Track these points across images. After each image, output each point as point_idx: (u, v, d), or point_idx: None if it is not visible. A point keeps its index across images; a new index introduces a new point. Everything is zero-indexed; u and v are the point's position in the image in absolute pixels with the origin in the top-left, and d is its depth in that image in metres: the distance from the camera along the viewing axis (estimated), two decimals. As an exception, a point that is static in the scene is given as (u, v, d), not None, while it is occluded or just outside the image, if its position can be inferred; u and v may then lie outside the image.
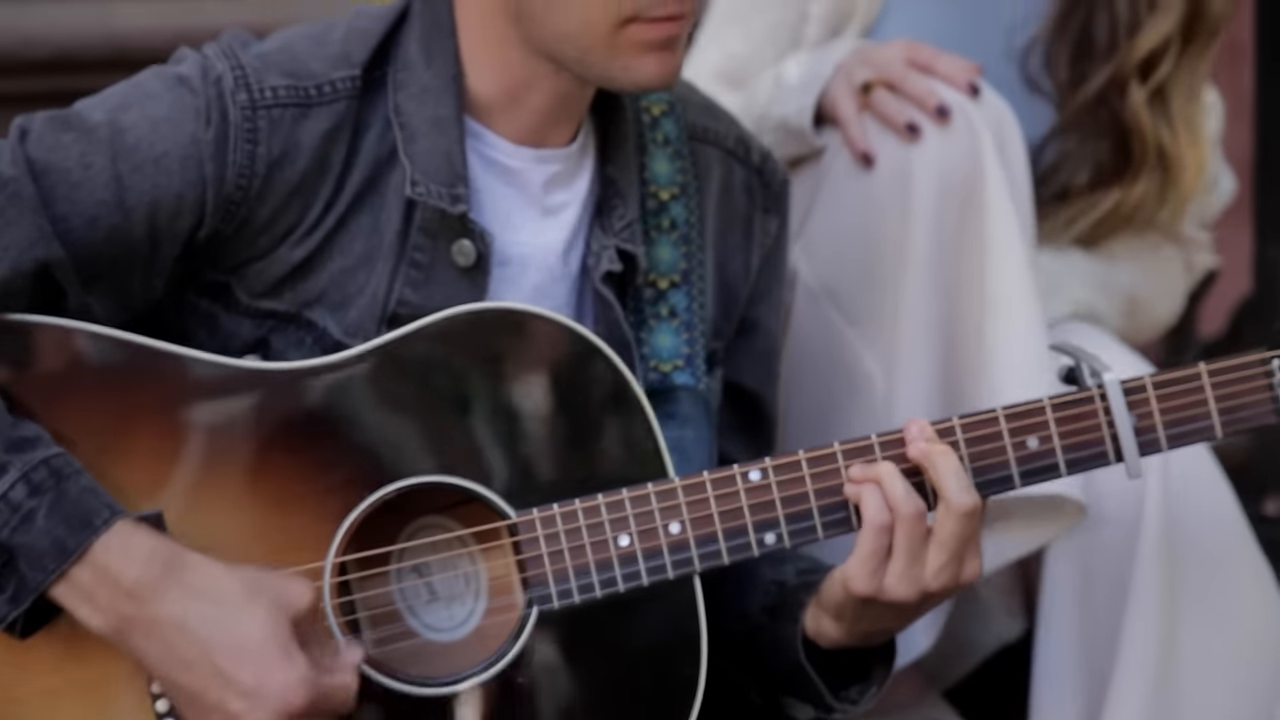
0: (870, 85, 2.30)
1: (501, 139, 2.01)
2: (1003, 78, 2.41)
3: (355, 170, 1.98)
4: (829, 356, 2.32)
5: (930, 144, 2.25)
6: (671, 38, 1.95)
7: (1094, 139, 2.47)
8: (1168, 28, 2.43)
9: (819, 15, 2.49)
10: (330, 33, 2.01)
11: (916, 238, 2.25)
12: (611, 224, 2.05)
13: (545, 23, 1.94)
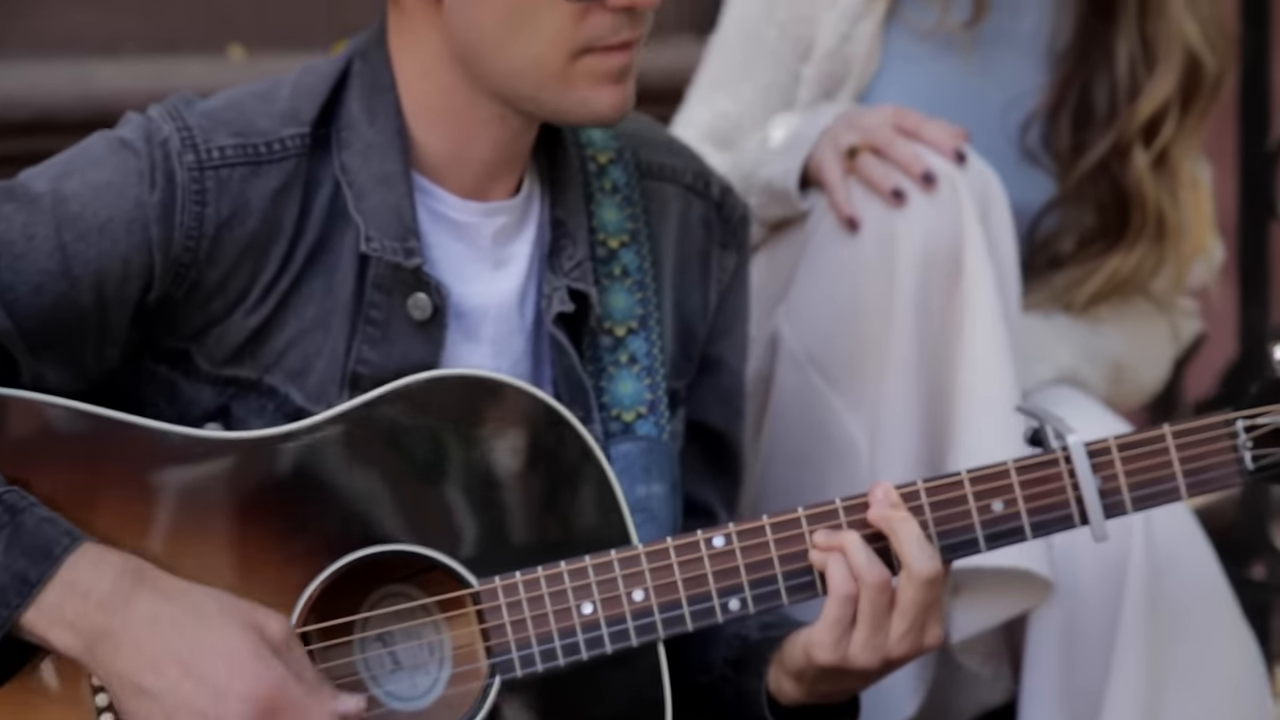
0: (856, 150, 2.28)
1: (449, 194, 2.01)
2: (997, 145, 2.41)
3: (308, 231, 1.97)
4: (813, 423, 2.30)
5: (916, 210, 2.23)
6: (624, 67, 1.94)
7: (1093, 206, 2.46)
8: (1167, 90, 2.43)
9: (811, 78, 2.48)
10: (277, 90, 2.00)
11: (901, 304, 2.24)
12: (561, 265, 2.04)
13: (497, 62, 1.94)
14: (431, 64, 1.97)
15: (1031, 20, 2.49)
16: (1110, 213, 2.46)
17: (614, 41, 1.92)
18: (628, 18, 1.92)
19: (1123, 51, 2.42)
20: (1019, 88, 2.48)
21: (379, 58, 2.00)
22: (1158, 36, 2.42)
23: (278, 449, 1.91)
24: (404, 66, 1.99)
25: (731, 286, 2.18)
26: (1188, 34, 2.41)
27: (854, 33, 2.45)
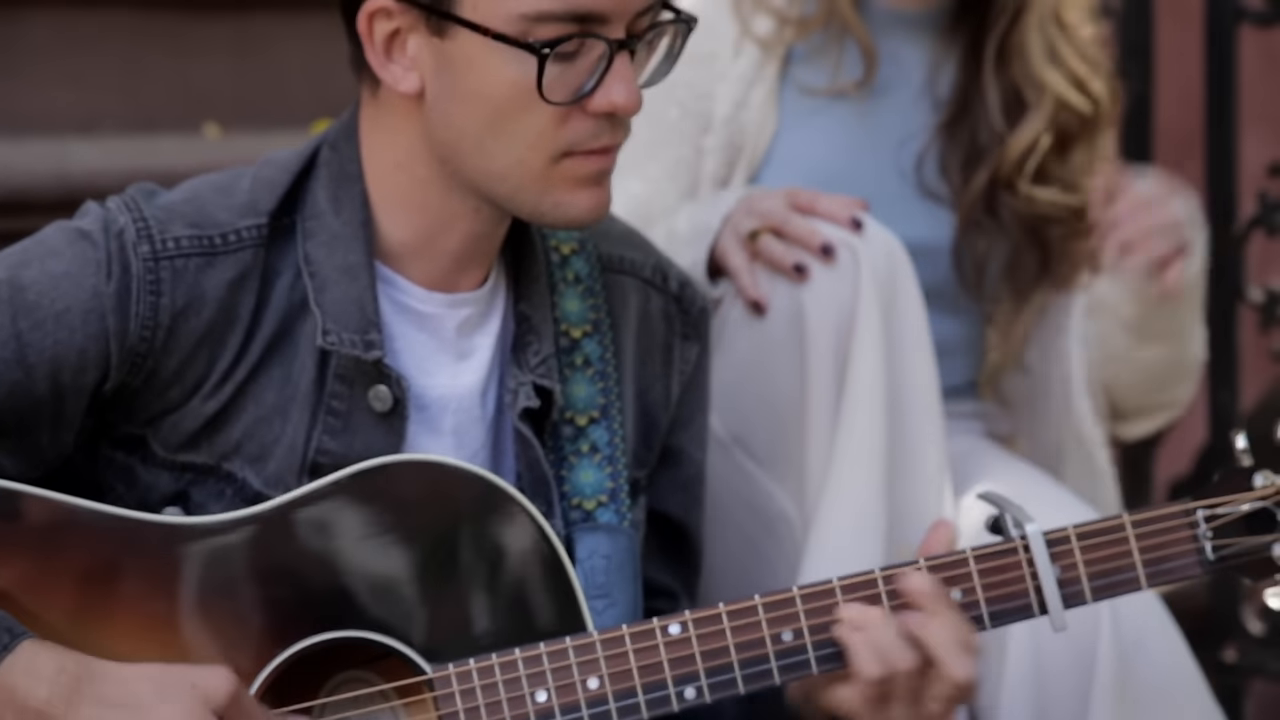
0: (757, 233, 2.32)
1: (413, 284, 2.01)
2: (896, 188, 2.47)
3: (266, 320, 1.97)
4: (745, 502, 2.32)
5: (819, 283, 2.27)
6: (603, 171, 1.95)
7: (1009, 237, 2.52)
8: (1034, 132, 2.49)
9: (713, 147, 2.53)
10: (237, 182, 2.01)
11: (814, 375, 2.27)
12: (527, 360, 2.04)
13: (476, 162, 1.94)
14: (406, 157, 1.98)
15: (915, 69, 2.56)
16: (1026, 238, 2.52)
17: (594, 146, 1.93)
18: (608, 123, 1.93)
19: (992, 97, 2.50)
20: (908, 130, 2.54)
21: (349, 148, 2.00)
22: (1022, 83, 2.49)
23: (235, 534, 1.90)
24: (376, 158, 1.99)
25: (693, 378, 2.18)
26: (1050, 82, 2.49)
27: (748, 100, 2.51)
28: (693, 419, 2.19)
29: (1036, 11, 2.48)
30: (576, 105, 1.90)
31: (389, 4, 1.91)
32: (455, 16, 1.89)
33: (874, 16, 2.54)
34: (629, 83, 1.91)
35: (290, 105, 3.36)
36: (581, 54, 1.90)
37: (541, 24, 1.88)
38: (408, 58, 1.93)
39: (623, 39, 1.90)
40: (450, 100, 1.92)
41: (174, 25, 3.34)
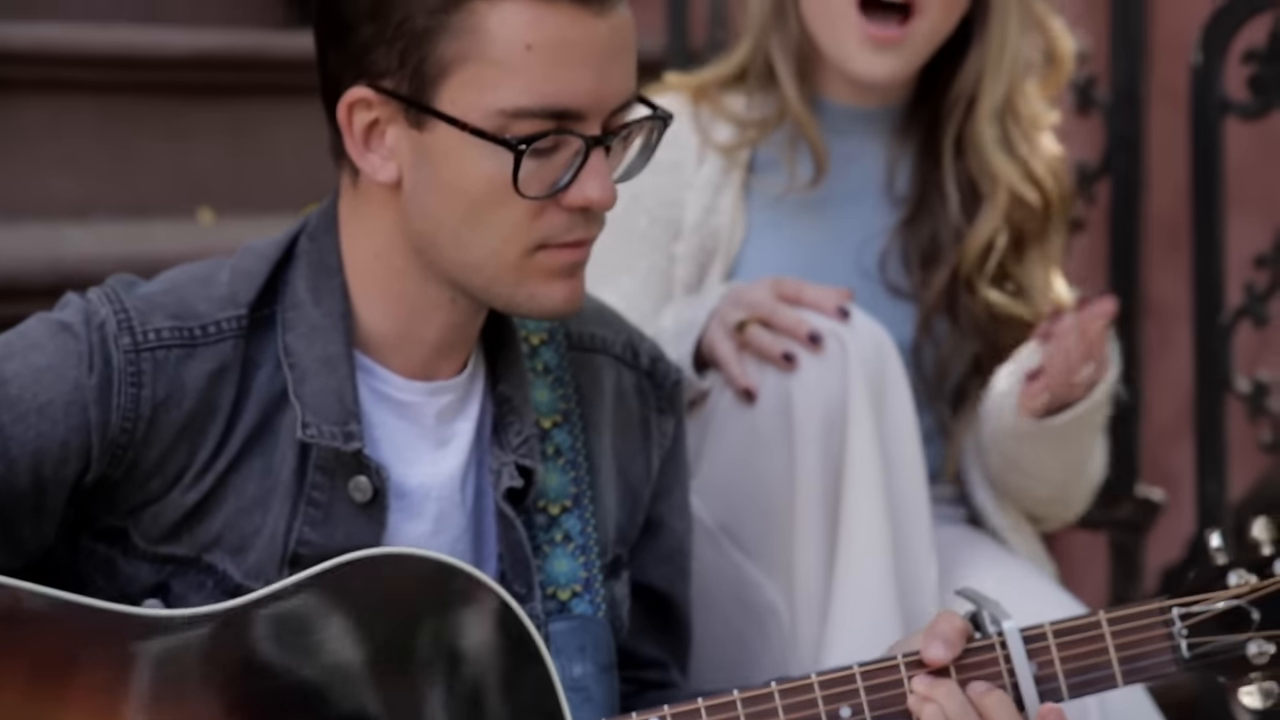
0: (744, 324, 2.34)
1: (393, 374, 2.02)
2: (862, 291, 2.48)
3: (246, 411, 1.98)
4: (733, 594, 2.32)
5: (807, 372, 2.29)
6: (577, 263, 1.96)
7: (969, 336, 2.54)
8: (992, 226, 2.51)
9: (685, 254, 2.55)
10: (217, 273, 2.02)
11: (803, 464, 2.28)
12: (509, 440, 2.05)
13: (452, 253, 1.95)
14: (384, 247, 1.99)
15: (874, 166, 2.58)
16: (983, 338, 2.53)
17: (568, 239, 1.94)
18: (582, 217, 1.94)
19: (950, 192, 2.52)
20: (870, 229, 2.57)
21: (328, 238, 2.02)
22: (977, 176, 2.52)
23: (214, 627, 1.90)
24: (354, 248, 2.01)
25: (672, 450, 2.20)
26: (1005, 174, 2.51)
27: (716, 205, 2.54)
28: (672, 490, 2.20)
29: (989, 102, 2.51)
30: (551, 199, 1.92)
31: (369, 95, 1.93)
32: (433, 110, 1.90)
33: (829, 115, 2.57)
34: (604, 178, 1.93)
35: (284, 191, 3.39)
36: (557, 150, 1.91)
37: (518, 119, 1.89)
38: (386, 148, 1.94)
39: (598, 135, 1.92)
40: (427, 191, 1.94)
41: (168, 111, 3.37)
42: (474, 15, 1.89)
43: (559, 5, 1.89)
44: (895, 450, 2.32)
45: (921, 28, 2.47)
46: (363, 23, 1.91)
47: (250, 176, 3.44)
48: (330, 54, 1.96)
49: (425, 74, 1.90)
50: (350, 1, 1.91)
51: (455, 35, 1.89)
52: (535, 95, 1.89)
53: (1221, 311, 3.01)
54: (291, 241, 2.04)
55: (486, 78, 1.89)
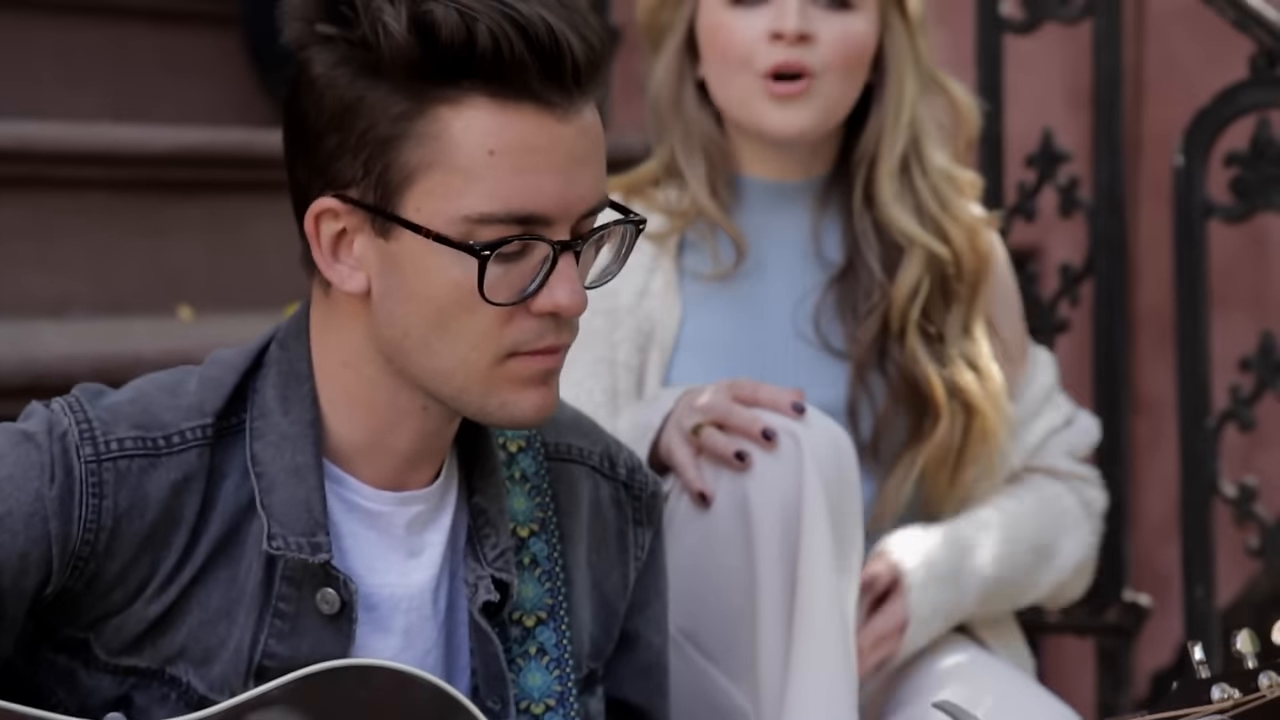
0: (700, 427, 2.34)
1: (362, 483, 1.99)
2: (800, 355, 2.54)
3: (212, 522, 1.95)
4: (701, 699, 2.30)
5: (761, 471, 2.28)
6: (549, 371, 1.94)
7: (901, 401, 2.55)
8: (912, 279, 2.55)
9: (622, 337, 2.58)
10: (185, 382, 1.99)
11: (762, 564, 2.27)
12: (484, 553, 2.02)
13: (421, 361, 1.93)
14: (354, 355, 1.96)
15: (799, 234, 2.64)
16: (910, 400, 2.55)
17: (539, 346, 1.92)
18: (553, 323, 1.92)
19: (871, 246, 2.59)
20: (801, 292, 2.61)
21: (298, 346, 1.99)
22: (888, 229, 2.58)
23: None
24: (325, 355, 1.98)
25: (648, 563, 2.17)
26: (910, 229, 2.57)
27: (649, 288, 2.59)
28: (649, 603, 2.17)
29: (888, 160, 2.59)
30: (520, 305, 1.90)
31: (335, 205, 1.91)
32: (399, 218, 1.88)
33: (753, 191, 2.64)
34: (573, 283, 1.90)
35: (264, 288, 3.37)
36: (525, 255, 1.89)
37: (484, 226, 1.87)
38: (354, 257, 1.92)
39: (566, 240, 1.90)
40: (395, 300, 1.92)
41: (147, 206, 3.35)
42: (437, 122, 1.87)
43: (522, 109, 1.87)
44: (848, 550, 2.31)
45: (819, 88, 2.56)
46: (327, 132, 1.89)
47: (231, 274, 3.42)
48: (297, 164, 1.94)
49: (390, 182, 1.88)
50: (315, 111, 1.90)
51: (418, 142, 1.87)
52: (500, 201, 1.87)
53: (1208, 414, 2.99)
54: (261, 350, 2.01)
55: (451, 184, 1.87)
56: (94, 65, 3.70)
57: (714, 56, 2.60)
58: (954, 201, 2.62)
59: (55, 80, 3.66)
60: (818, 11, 2.57)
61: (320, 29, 1.88)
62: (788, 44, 2.54)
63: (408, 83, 1.86)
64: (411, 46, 1.85)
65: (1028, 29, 3.19)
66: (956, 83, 2.71)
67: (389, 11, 1.84)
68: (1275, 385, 2.95)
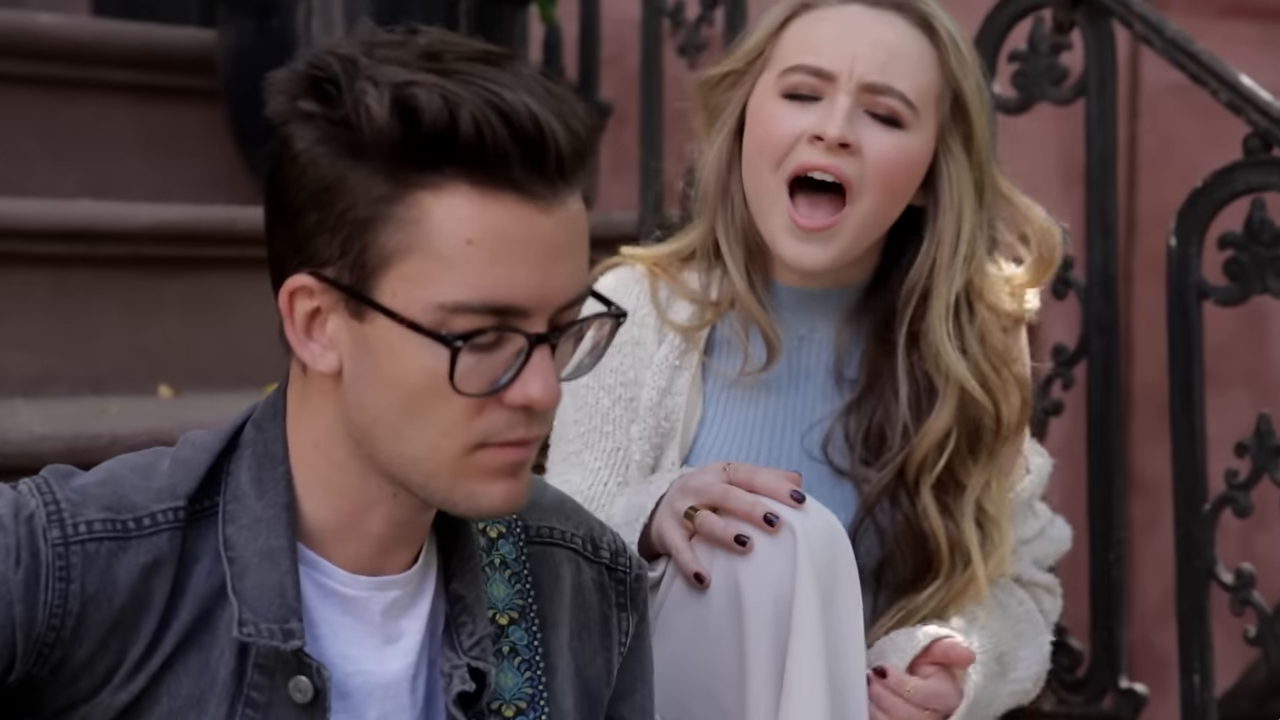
0: (694, 510, 2.29)
1: (337, 568, 1.94)
2: (809, 476, 2.43)
3: (183, 608, 1.90)
4: None
5: (758, 556, 2.24)
6: (519, 463, 1.89)
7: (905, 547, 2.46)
8: (943, 425, 2.44)
9: (640, 434, 2.50)
10: (157, 463, 1.95)
11: (753, 654, 2.23)
12: (461, 642, 1.97)
13: (390, 446, 1.88)
14: (325, 437, 1.92)
15: (825, 349, 2.54)
16: (915, 552, 2.46)
17: (509, 439, 1.87)
18: (524, 416, 1.87)
19: (903, 384, 2.46)
20: (818, 413, 2.52)
21: (274, 427, 1.95)
22: (932, 372, 2.45)
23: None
24: (299, 437, 1.94)
25: (632, 648, 2.12)
26: (955, 370, 2.44)
27: (673, 386, 2.51)
28: (633, 689, 2.12)
29: (943, 296, 2.46)
30: (493, 396, 1.85)
31: (310, 283, 1.87)
32: (373, 302, 1.84)
33: (781, 297, 2.54)
34: (547, 377, 1.85)
35: (245, 366, 3.34)
36: (500, 346, 1.85)
37: (459, 314, 1.83)
38: (327, 337, 1.88)
39: (543, 333, 1.85)
40: (367, 383, 1.87)
41: (128, 284, 3.33)
42: (417, 207, 1.83)
43: (504, 199, 1.82)
44: (841, 642, 2.26)
45: (853, 215, 2.44)
46: (307, 209, 1.85)
47: (212, 352, 3.39)
48: (276, 239, 1.90)
49: (366, 264, 1.84)
50: (295, 187, 1.86)
51: (397, 226, 1.83)
52: (476, 291, 1.82)
53: (1204, 499, 2.95)
54: (236, 431, 1.97)
55: (428, 271, 1.83)
56: (77, 141, 3.69)
57: (752, 145, 2.48)
58: (1005, 349, 2.49)
59: (38, 156, 3.65)
60: (868, 123, 2.43)
61: (302, 106, 1.84)
62: (828, 148, 2.42)
63: (389, 166, 1.82)
64: (393, 130, 1.80)
65: (1020, 109, 3.17)
66: (1038, 208, 2.56)
67: (372, 93, 1.80)
68: (1272, 470, 2.90)
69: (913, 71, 2.44)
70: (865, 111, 2.43)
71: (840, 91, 2.43)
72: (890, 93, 2.43)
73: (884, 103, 2.43)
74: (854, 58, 2.42)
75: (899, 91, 2.43)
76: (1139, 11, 3.02)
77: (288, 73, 1.85)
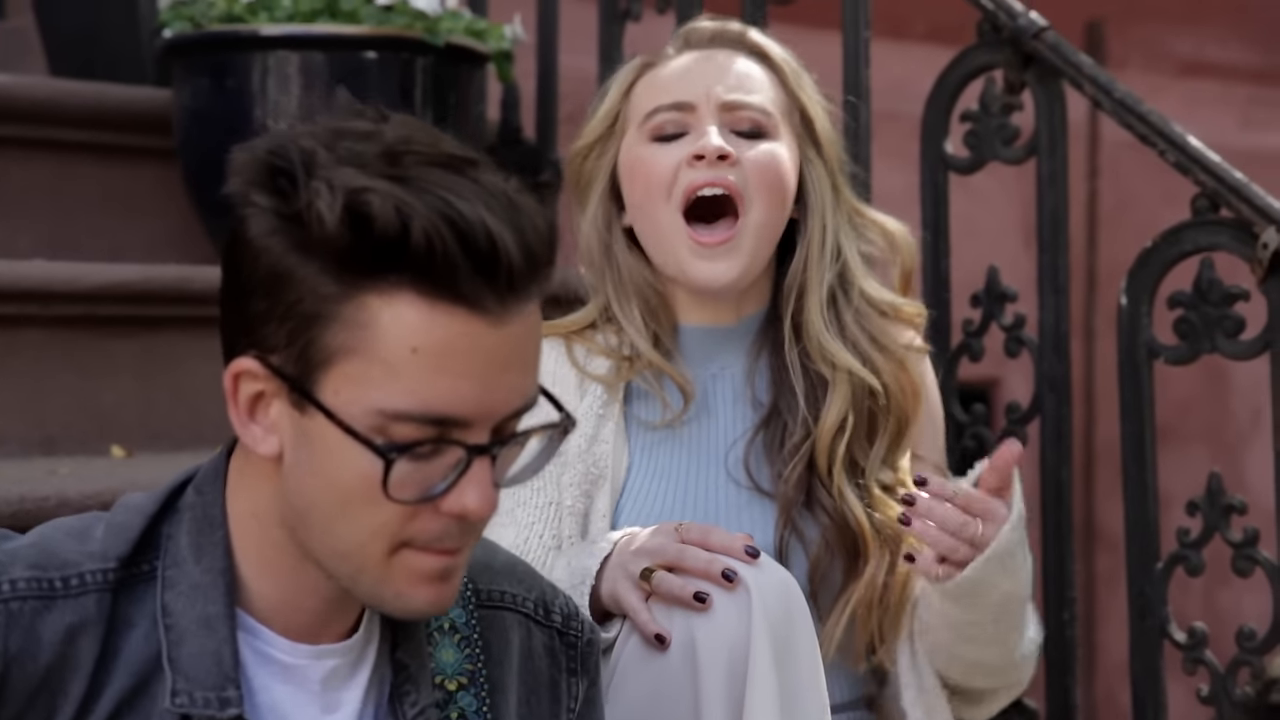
0: (649, 571, 2.30)
1: (277, 635, 1.93)
2: (735, 499, 2.52)
3: (115, 673, 1.88)
4: None
5: (714, 613, 2.25)
6: (448, 569, 1.87)
7: (833, 542, 2.52)
8: (838, 413, 2.54)
9: (570, 482, 2.54)
10: (92, 527, 1.93)
11: (709, 707, 2.23)
12: (404, 711, 1.95)
13: (321, 537, 1.87)
14: (263, 511, 1.91)
15: (736, 379, 2.63)
16: (843, 545, 2.52)
17: (439, 547, 1.86)
18: (457, 525, 1.85)
19: (797, 382, 2.58)
20: (734, 436, 2.60)
21: (214, 491, 1.94)
22: (819, 363, 2.57)
23: None
24: (238, 506, 1.93)
25: (582, 713, 2.10)
26: (839, 358, 2.56)
27: (599, 434, 2.57)
28: None
29: (816, 289, 2.59)
30: (427, 503, 1.83)
31: (255, 368, 1.85)
32: (314, 398, 1.83)
33: (690, 340, 2.63)
34: (484, 487, 1.83)
35: (199, 426, 3.32)
36: (438, 455, 1.82)
37: (398, 422, 1.81)
38: (269, 421, 1.87)
39: (484, 444, 1.83)
40: (305, 473, 1.86)
41: (80, 344, 3.31)
42: (364, 310, 1.80)
43: (452, 311, 1.80)
44: (799, 695, 2.26)
45: (749, 224, 2.57)
46: (257, 295, 1.84)
47: (165, 412, 3.37)
48: (227, 314, 1.89)
49: (310, 359, 1.82)
50: (248, 271, 1.84)
51: (343, 327, 1.81)
52: (417, 400, 1.80)
53: (1157, 557, 2.95)
54: (171, 493, 1.96)
55: (370, 375, 1.81)
56: (31, 201, 3.67)
57: (636, 192, 2.60)
58: (884, 332, 2.61)
59: (-9, 216, 3.64)
60: (736, 139, 2.58)
61: (257, 197, 1.83)
62: (709, 164, 2.55)
63: (338, 267, 1.80)
64: (343, 235, 1.78)
65: (972, 169, 3.17)
66: (884, 215, 2.71)
67: (325, 196, 1.79)
68: (1223, 528, 2.90)
69: (761, 89, 2.61)
70: (730, 130, 2.58)
71: (703, 116, 2.58)
72: (748, 107, 2.59)
73: (745, 116, 2.59)
74: (708, 85, 2.59)
75: (756, 105, 2.59)
76: (1089, 73, 3.03)
77: (249, 155, 1.84)
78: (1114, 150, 5.29)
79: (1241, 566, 2.89)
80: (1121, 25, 5.77)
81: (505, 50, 3.77)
